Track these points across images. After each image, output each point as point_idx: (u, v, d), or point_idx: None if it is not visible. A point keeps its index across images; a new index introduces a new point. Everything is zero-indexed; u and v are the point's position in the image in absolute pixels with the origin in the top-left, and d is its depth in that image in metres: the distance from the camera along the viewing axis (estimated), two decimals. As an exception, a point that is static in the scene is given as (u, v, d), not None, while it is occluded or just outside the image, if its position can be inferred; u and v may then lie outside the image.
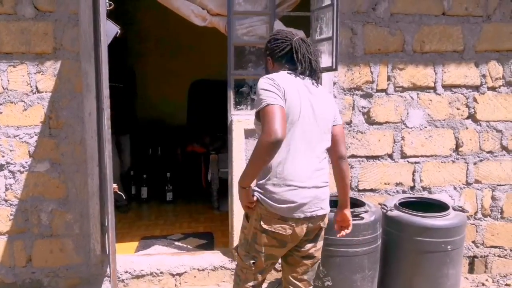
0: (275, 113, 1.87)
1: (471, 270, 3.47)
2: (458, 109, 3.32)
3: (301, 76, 2.06)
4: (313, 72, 2.09)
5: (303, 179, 2.01)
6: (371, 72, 3.22)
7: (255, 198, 2.01)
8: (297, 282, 2.17)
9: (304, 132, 2.01)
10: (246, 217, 2.11)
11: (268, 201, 1.98)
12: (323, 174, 2.11)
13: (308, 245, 2.12)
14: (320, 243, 2.18)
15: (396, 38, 3.20)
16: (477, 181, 3.39)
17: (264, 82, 1.97)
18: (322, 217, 2.12)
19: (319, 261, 2.21)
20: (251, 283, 2.13)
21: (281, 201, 1.97)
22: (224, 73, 3.21)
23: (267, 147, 1.83)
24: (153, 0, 3.17)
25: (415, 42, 3.22)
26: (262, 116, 1.90)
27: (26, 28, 2.92)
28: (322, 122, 2.06)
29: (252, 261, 2.08)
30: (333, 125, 2.13)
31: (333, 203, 2.29)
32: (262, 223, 2.00)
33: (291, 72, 2.06)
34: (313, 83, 2.08)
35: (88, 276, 3.14)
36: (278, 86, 1.95)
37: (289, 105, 1.95)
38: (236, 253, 2.19)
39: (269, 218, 2.00)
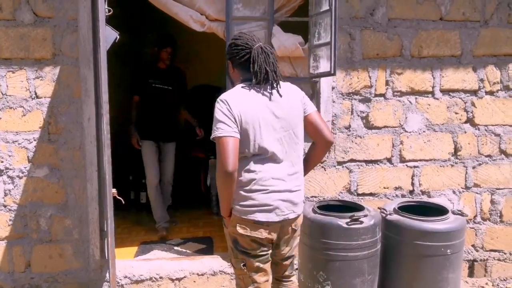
0: (225, 147, 1.94)
1: (471, 274, 3.47)
2: (456, 113, 3.33)
3: (257, 86, 2.06)
4: (271, 82, 2.07)
5: (275, 183, 2.05)
6: (370, 77, 3.23)
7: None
8: (281, 280, 2.30)
9: (273, 142, 2.04)
10: (225, 225, 2.17)
11: (242, 208, 2.04)
12: (297, 178, 2.14)
13: (285, 249, 2.20)
14: (295, 242, 2.24)
15: (394, 43, 3.22)
16: (476, 185, 3.40)
17: (218, 109, 2.01)
18: (294, 219, 2.15)
19: (295, 257, 2.31)
20: (251, 287, 2.13)
21: (255, 205, 2.03)
22: (224, 78, 3.22)
23: (222, 178, 1.97)
24: (152, 6, 3.18)
25: (413, 47, 3.24)
26: (216, 145, 1.98)
27: (25, 34, 2.93)
28: (290, 126, 2.08)
29: (242, 264, 2.13)
30: (306, 116, 2.15)
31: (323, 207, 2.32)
32: (238, 229, 2.07)
33: (245, 85, 2.07)
34: (272, 88, 2.07)
35: (87, 281, 3.13)
36: (231, 112, 1.98)
37: (246, 125, 1.99)
38: (231, 264, 2.25)
39: (245, 223, 2.06)
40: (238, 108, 1.99)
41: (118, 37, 2.76)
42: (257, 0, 3.20)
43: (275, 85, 2.07)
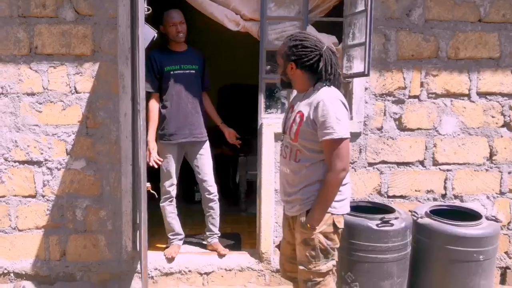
0: (348, 148, 2.07)
1: (502, 281, 3.39)
2: (493, 117, 3.26)
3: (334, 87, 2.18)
4: (341, 85, 2.22)
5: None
6: (404, 78, 3.19)
7: None
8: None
9: None
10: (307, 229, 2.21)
11: (339, 204, 2.22)
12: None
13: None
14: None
15: (430, 45, 3.17)
16: (511, 191, 3.32)
17: (338, 109, 2.06)
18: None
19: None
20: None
21: (346, 199, 2.24)
22: (252, 77, 3.25)
23: (340, 180, 2.07)
24: (182, 7, 3.24)
25: (449, 49, 3.18)
26: (333, 146, 2.03)
27: (66, 31, 3.03)
28: None
29: (332, 264, 2.28)
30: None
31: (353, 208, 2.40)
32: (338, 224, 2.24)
33: (328, 86, 2.14)
34: (339, 89, 2.21)
35: (119, 272, 3.22)
36: (347, 113, 2.11)
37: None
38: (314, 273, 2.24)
39: (339, 218, 2.23)
40: (347, 109, 2.14)
41: (156, 35, 2.84)
42: (291, 0, 3.21)
43: (340, 87, 2.21)
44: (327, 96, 2.07)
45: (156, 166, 3.20)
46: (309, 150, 2.12)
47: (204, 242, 3.51)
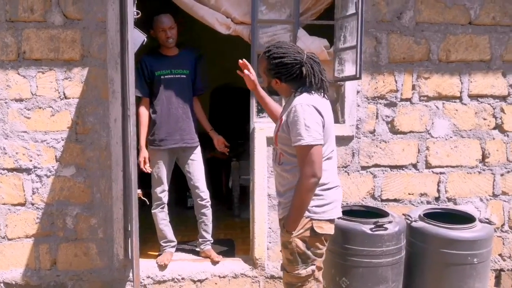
0: (319, 154, 2.03)
1: (497, 284, 3.39)
2: (484, 119, 3.26)
3: (317, 93, 2.15)
4: (325, 91, 2.18)
5: (337, 179, 2.28)
6: (396, 81, 3.19)
7: None
8: None
9: (333, 144, 2.19)
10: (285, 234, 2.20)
11: (318, 209, 2.19)
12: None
13: None
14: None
15: (422, 47, 3.17)
16: (504, 193, 3.32)
17: (308, 115, 2.03)
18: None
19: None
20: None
21: (328, 203, 2.20)
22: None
23: (312, 186, 2.03)
24: (180, 11, 3.21)
25: (440, 51, 3.18)
26: (302, 153, 2.02)
27: (55, 36, 2.99)
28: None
29: (311, 269, 2.23)
30: None
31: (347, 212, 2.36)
32: (317, 229, 2.20)
33: (310, 92, 2.12)
34: (324, 95, 2.18)
35: (111, 280, 3.17)
36: (321, 119, 2.06)
37: (326, 132, 2.09)
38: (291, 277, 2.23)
39: (320, 223, 2.19)
40: (323, 114, 2.07)
41: (145, 39, 2.80)
42: (282, 3, 3.20)
43: (325, 93, 2.17)
44: (300, 102, 2.05)
45: (149, 172, 3.19)
46: (288, 154, 2.14)
47: (197, 249, 3.47)
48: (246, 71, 2.32)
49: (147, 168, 3.18)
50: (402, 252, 2.72)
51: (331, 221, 2.17)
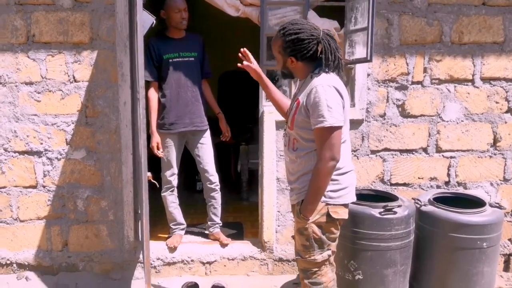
0: (339, 137, 2.00)
1: (506, 268, 3.38)
2: (497, 102, 3.21)
3: (335, 73, 2.11)
4: (342, 70, 2.13)
5: (351, 164, 2.26)
6: (407, 64, 3.15)
7: None
8: None
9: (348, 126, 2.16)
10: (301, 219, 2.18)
11: (334, 194, 2.17)
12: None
13: None
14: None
15: (434, 29, 3.12)
16: (515, 177, 3.29)
17: (330, 96, 1.99)
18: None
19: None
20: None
21: (344, 188, 2.18)
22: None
23: (330, 169, 2.01)
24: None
25: (453, 33, 3.13)
26: (323, 135, 1.98)
27: (64, 18, 2.98)
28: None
29: (328, 254, 2.22)
30: None
31: (356, 196, 2.31)
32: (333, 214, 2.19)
33: (327, 72, 2.07)
34: (339, 74, 2.13)
35: (121, 262, 3.22)
36: (342, 100, 2.02)
37: (344, 114, 2.05)
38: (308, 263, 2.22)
39: (336, 208, 2.18)
40: (343, 95, 2.04)
41: (154, 22, 2.79)
42: (292, -16, 3.15)
43: (341, 71, 2.12)
44: (320, 83, 2.01)
45: (162, 156, 3.22)
46: (304, 139, 2.09)
47: (206, 232, 3.50)
48: (245, 62, 2.26)
49: (160, 153, 3.20)
50: (411, 236, 2.72)
51: (345, 205, 2.16)
